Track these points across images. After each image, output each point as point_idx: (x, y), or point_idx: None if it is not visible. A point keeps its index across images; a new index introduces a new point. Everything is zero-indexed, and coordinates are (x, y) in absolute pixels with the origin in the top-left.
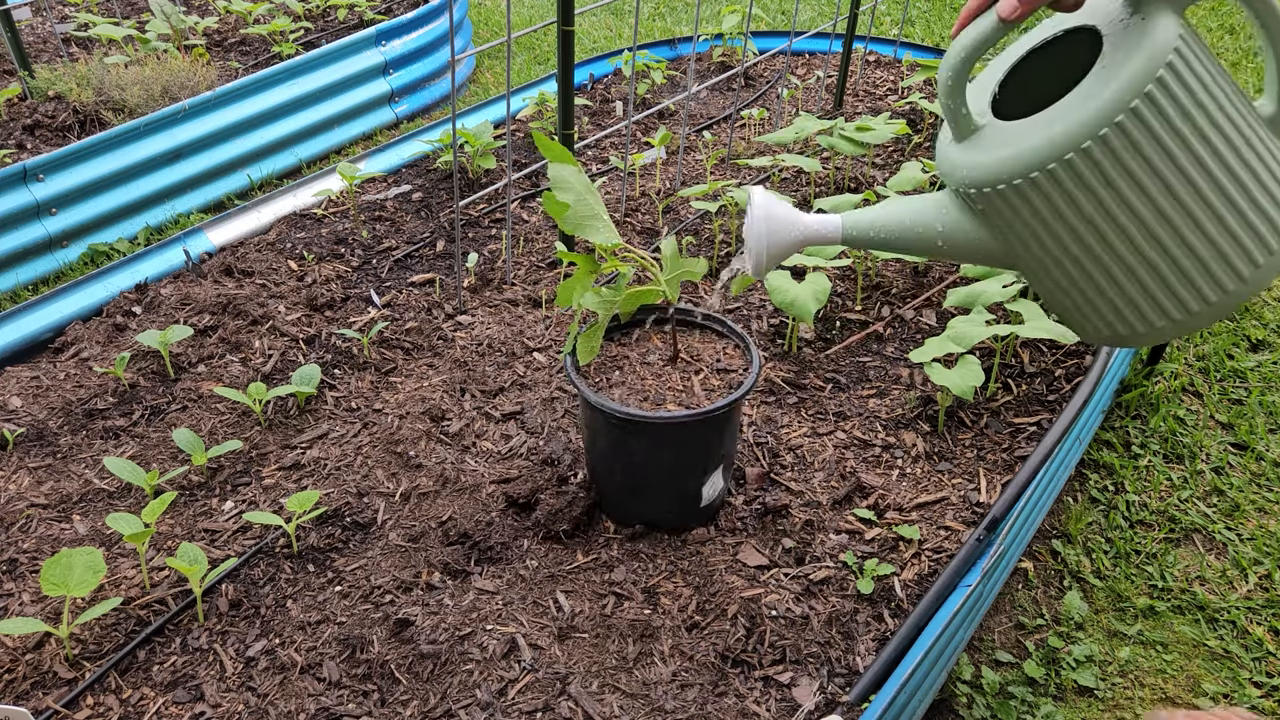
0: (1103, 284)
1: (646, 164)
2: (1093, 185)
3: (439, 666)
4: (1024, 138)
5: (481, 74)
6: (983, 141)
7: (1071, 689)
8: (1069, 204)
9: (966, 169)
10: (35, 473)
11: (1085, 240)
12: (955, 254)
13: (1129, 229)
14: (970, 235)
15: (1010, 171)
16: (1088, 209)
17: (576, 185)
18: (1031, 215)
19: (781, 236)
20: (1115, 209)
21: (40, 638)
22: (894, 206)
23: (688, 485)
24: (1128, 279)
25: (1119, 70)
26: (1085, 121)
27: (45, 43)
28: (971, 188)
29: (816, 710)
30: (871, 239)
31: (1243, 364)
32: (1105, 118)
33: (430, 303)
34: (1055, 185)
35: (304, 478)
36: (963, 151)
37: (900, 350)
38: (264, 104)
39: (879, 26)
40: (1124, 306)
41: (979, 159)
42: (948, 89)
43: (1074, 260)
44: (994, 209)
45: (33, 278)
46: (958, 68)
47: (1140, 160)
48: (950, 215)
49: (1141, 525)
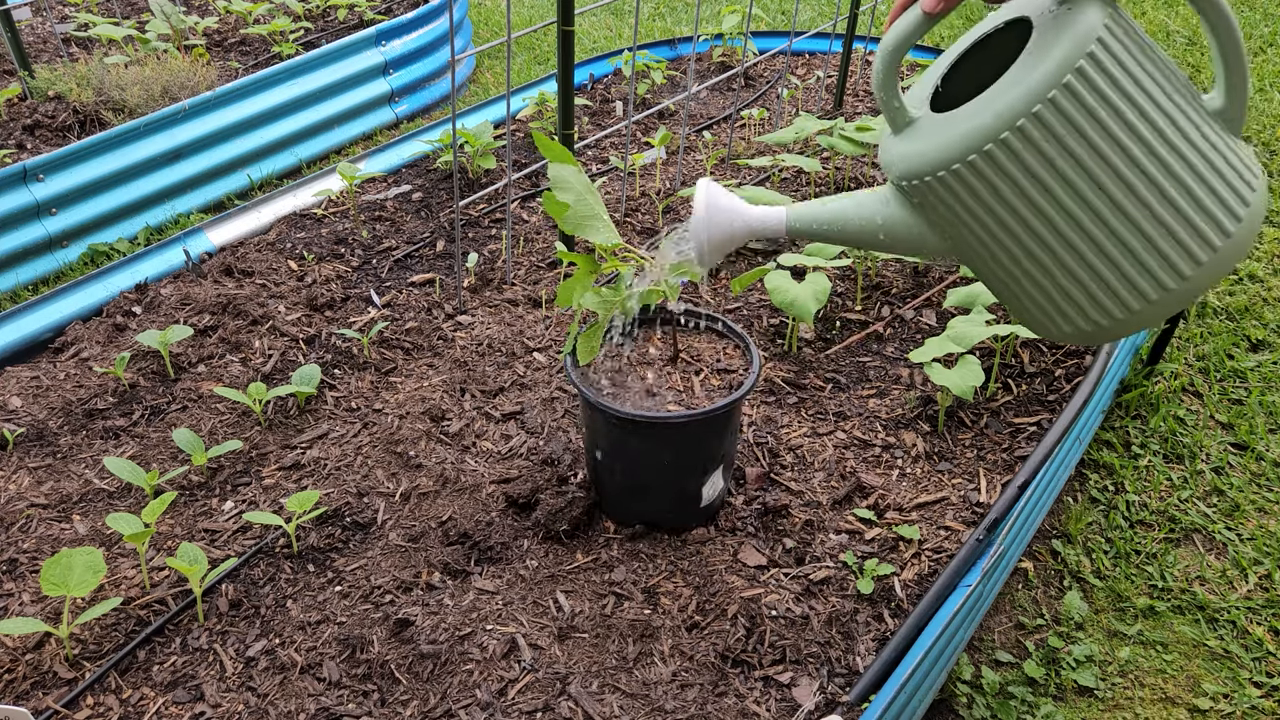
0: (1040, 280)
1: (646, 164)
2: (1015, 175)
3: (439, 666)
4: (949, 129)
5: (481, 74)
6: (914, 133)
7: (1071, 689)
8: (994, 195)
9: (898, 160)
10: (35, 473)
11: (1015, 232)
12: (896, 247)
13: (1056, 221)
14: (909, 228)
15: (937, 161)
16: (1013, 200)
17: (576, 185)
18: (961, 207)
19: (723, 227)
20: (1040, 200)
21: (40, 638)
22: (838, 201)
23: (688, 485)
24: (1063, 275)
25: (1040, 60)
26: (1003, 112)
27: (45, 43)
28: (904, 179)
29: (816, 710)
30: (814, 232)
31: (1243, 364)
32: (1024, 108)
33: (430, 303)
34: (978, 175)
35: (304, 478)
36: (897, 143)
37: (900, 350)
38: (264, 104)
39: (879, 26)
40: (1065, 304)
41: (909, 149)
42: (879, 82)
43: (1008, 254)
44: (927, 201)
45: (33, 278)
46: (887, 60)
47: (1061, 150)
48: (891, 209)
49: (1141, 525)
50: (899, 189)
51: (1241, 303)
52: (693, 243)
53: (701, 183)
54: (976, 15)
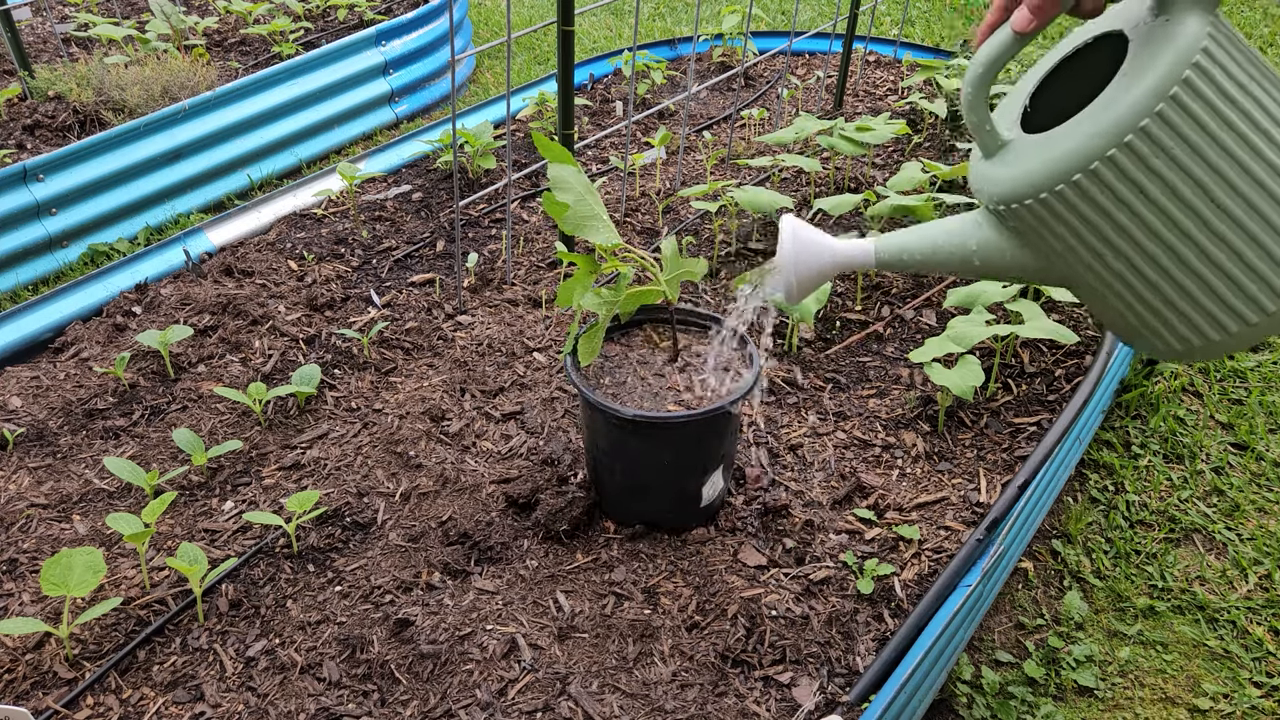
0: (1148, 297)
1: (646, 164)
2: (1122, 194)
3: (439, 666)
4: (1047, 150)
5: (481, 74)
6: (1009, 156)
7: (1071, 689)
8: (1100, 214)
9: (993, 185)
10: (35, 473)
11: (1122, 251)
12: (992, 272)
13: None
14: (1005, 253)
15: (1035, 185)
16: (1120, 218)
17: (576, 185)
18: (1062, 229)
19: (811, 263)
20: (1150, 217)
21: (40, 638)
22: (926, 229)
23: (688, 485)
24: (1174, 291)
25: (1142, 75)
26: (1105, 131)
27: (45, 43)
28: (1000, 204)
29: (816, 710)
30: (905, 262)
31: (1243, 364)
32: (1127, 126)
33: (430, 303)
34: (1082, 196)
35: (304, 478)
36: (991, 167)
37: (900, 350)
38: (264, 104)
39: (879, 26)
40: (1175, 320)
41: (1005, 174)
42: (970, 104)
43: (1113, 273)
44: (1024, 224)
45: (33, 278)
46: (977, 83)
47: (1171, 165)
48: (984, 233)
49: (1141, 525)
50: (994, 214)
51: None
52: (781, 281)
53: (786, 219)
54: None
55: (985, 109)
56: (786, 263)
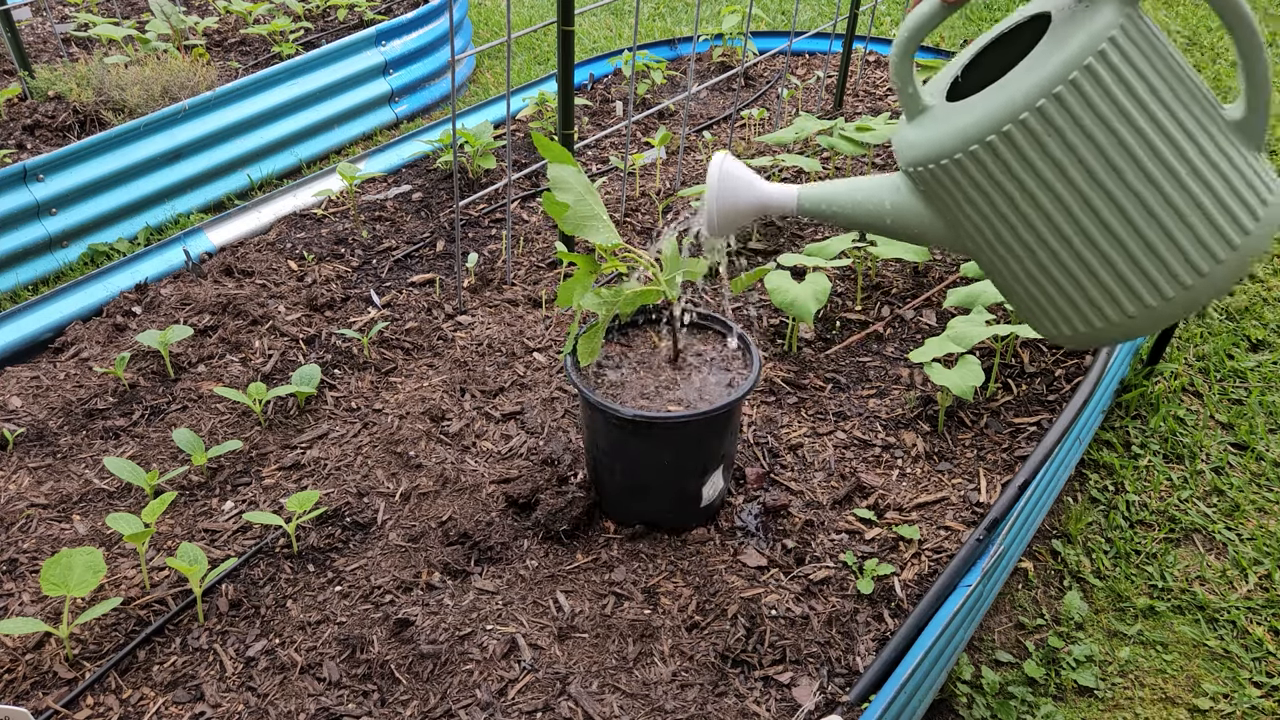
0: (1038, 276)
1: (646, 164)
2: (1016, 167)
3: (439, 666)
4: (957, 118)
5: (481, 74)
6: (926, 120)
7: (1071, 689)
8: (995, 185)
9: (909, 147)
10: (35, 473)
11: (1015, 226)
12: (902, 233)
13: (1056, 217)
14: (917, 215)
15: (944, 148)
16: (1014, 191)
17: (576, 185)
18: (964, 196)
19: (735, 198)
20: (1041, 194)
21: (40, 638)
22: (849, 183)
23: (688, 485)
24: (1061, 273)
25: (1050, 56)
26: (1009, 103)
27: (45, 43)
28: (912, 166)
29: (816, 710)
30: (823, 212)
31: (1243, 364)
32: (1029, 100)
33: (430, 303)
34: (980, 165)
35: (304, 478)
36: (910, 130)
37: (900, 350)
38: (264, 104)
39: (879, 26)
40: (1063, 303)
41: (919, 136)
42: (895, 67)
43: (1008, 248)
44: (930, 188)
45: (33, 278)
46: (903, 47)
47: (1064, 145)
48: (900, 195)
49: (1141, 525)
50: (909, 176)
51: (1241, 303)
52: (703, 212)
53: (718, 154)
54: (980, 16)
55: (910, 73)
56: (710, 195)
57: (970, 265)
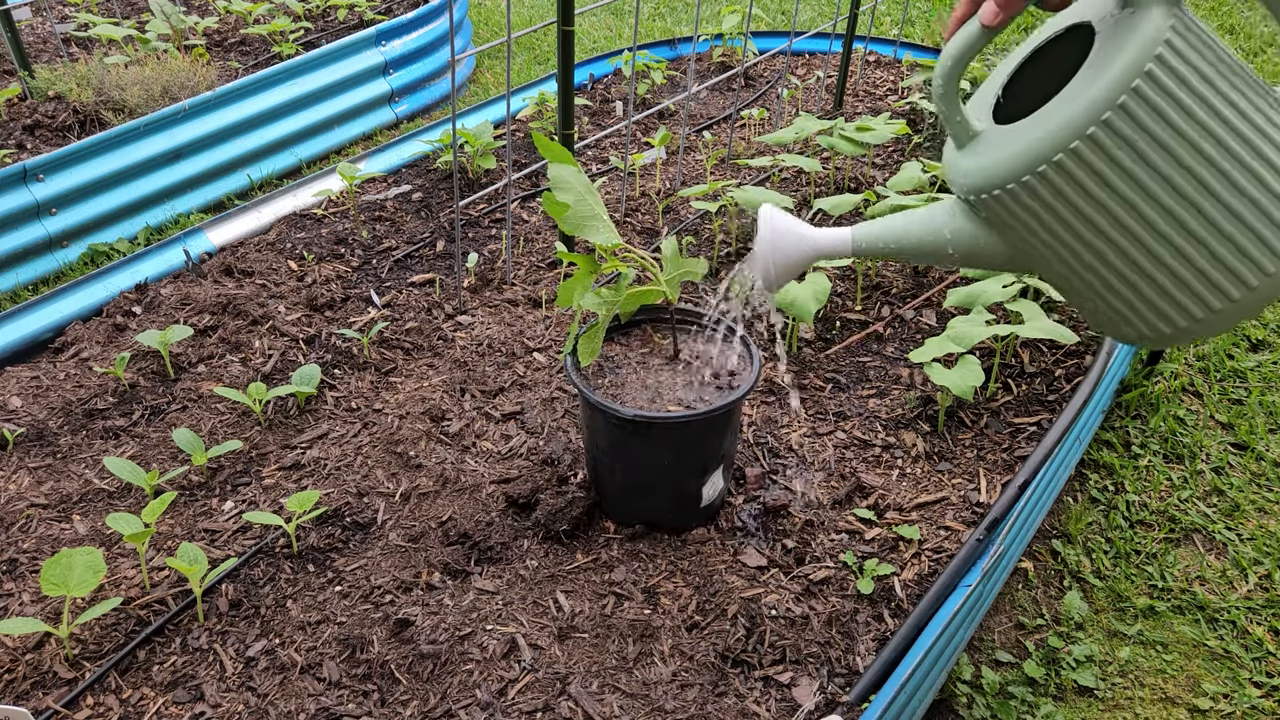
0: (1115, 284)
1: (646, 164)
2: (1086, 184)
3: (439, 666)
4: (1015, 141)
5: (481, 74)
6: (979, 146)
7: (1071, 689)
8: (1066, 204)
9: (964, 175)
10: (35, 473)
11: (1088, 240)
12: (966, 261)
13: (1132, 227)
14: (979, 242)
15: (1005, 174)
16: (1085, 208)
17: (576, 185)
18: (1032, 218)
19: (788, 252)
20: (1115, 206)
21: (40, 638)
22: (902, 217)
23: (688, 485)
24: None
25: (1105, 68)
26: (1069, 123)
27: (45, 43)
28: (972, 194)
29: (816, 710)
30: (881, 250)
31: (1243, 364)
32: (1094, 115)
33: (430, 303)
34: (1049, 186)
35: (304, 478)
36: (962, 157)
37: (900, 350)
38: (264, 104)
39: (879, 26)
40: (1143, 306)
41: (975, 164)
42: (940, 96)
43: (1081, 262)
44: (995, 214)
45: (33, 278)
46: (947, 75)
47: (1134, 155)
48: (958, 222)
49: (1141, 525)
50: (966, 203)
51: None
52: (759, 269)
53: (765, 209)
54: None
55: (956, 100)
56: (764, 251)
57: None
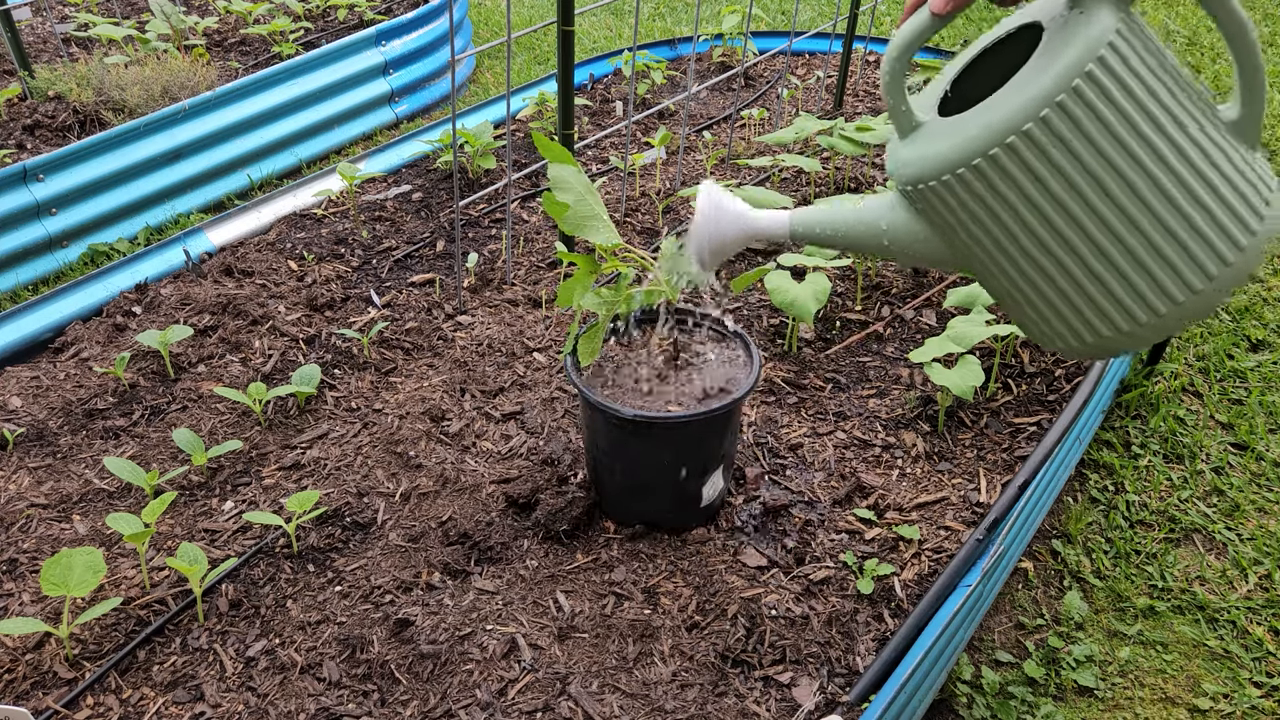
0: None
1: (646, 164)
2: (1019, 181)
3: (439, 666)
4: (954, 134)
5: (481, 74)
6: (920, 138)
7: (1071, 689)
8: (998, 200)
9: (904, 165)
10: (35, 473)
11: (1019, 240)
12: (900, 255)
13: (1062, 230)
14: (914, 235)
15: (941, 166)
16: (1018, 206)
17: (576, 185)
18: (965, 213)
19: (724, 231)
20: (1046, 207)
21: (40, 638)
22: (841, 207)
23: (688, 485)
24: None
25: (1048, 65)
26: (1009, 116)
27: (45, 43)
28: (908, 184)
29: (816, 710)
30: (818, 236)
31: (1243, 364)
32: (1030, 112)
33: (430, 303)
34: (983, 180)
35: (304, 478)
36: (903, 148)
37: (900, 350)
38: (264, 104)
39: (879, 26)
40: (1070, 315)
41: (914, 154)
42: (887, 85)
43: (1012, 263)
44: (930, 207)
45: (33, 278)
46: (894, 64)
47: (1068, 156)
48: (895, 214)
49: (1141, 525)
50: (904, 194)
51: (1241, 303)
52: (693, 247)
53: (704, 185)
54: (981, 16)
55: (901, 90)
56: (700, 229)
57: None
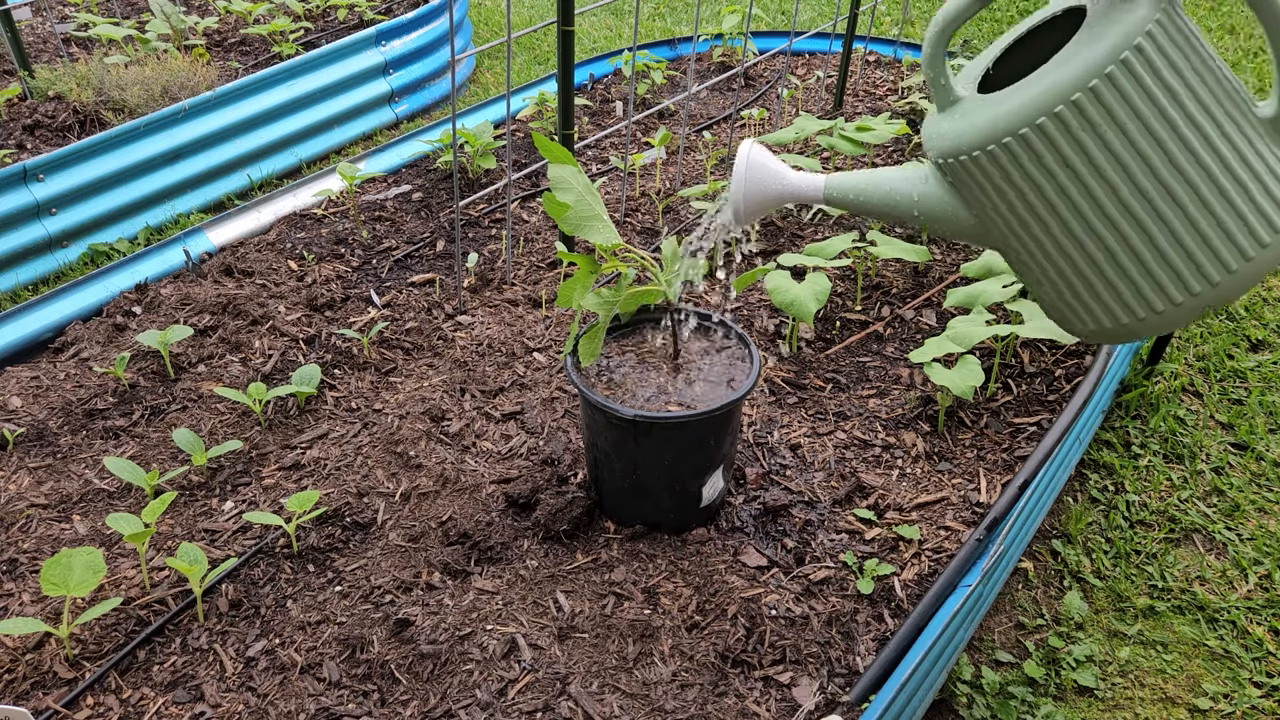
0: (1065, 270)
1: (646, 164)
2: (1048, 160)
3: (439, 666)
4: (989, 109)
5: (481, 74)
6: (957, 112)
7: (1071, 689)
8: (1026, 178)
9: (939, 138)
10: (35, 473)
11: (1044, 219)
12: (930, 224)
13: (1086, 211)
14: (944, 206)
15: (975, 140)
16: (1045, 185)
17: (576, 185)
18: (994, 188)
19: (762, 186)
20: (1072, 188)
21: (40, 638)
22: (878, 173)
23: (688, 485)
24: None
25: (1086, 49)
26: (1042, 96)
27: (45, 43)
28: (943, 157)
29: (816, 710)
30: (851, 202)
31: (1243, 364)
32: (1063, 94)
33: (430, 303)
34: (1013, 158)
35: (304, 478)
36: (941, 121)
37: (900, 350)
38: (264, 104)
39: (879, 26)
40: (1089, 297)
41: (951, 128)
42: (928, 59)
43: (1036, 241)
44: (962, 180)
45: (33, 278)
46: (936, 39)
47: (1097, 140)
48: (929, 186)
49: (1141, 525)
50: (939, 167)
51: (1241, 303)
52: (730, 200)
53: (745, 143)
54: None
55: (942, 64)
56: (737, 183)
57: (970, 265)
